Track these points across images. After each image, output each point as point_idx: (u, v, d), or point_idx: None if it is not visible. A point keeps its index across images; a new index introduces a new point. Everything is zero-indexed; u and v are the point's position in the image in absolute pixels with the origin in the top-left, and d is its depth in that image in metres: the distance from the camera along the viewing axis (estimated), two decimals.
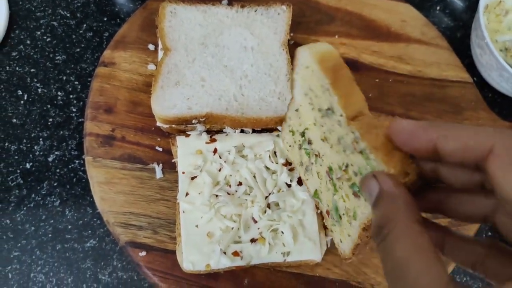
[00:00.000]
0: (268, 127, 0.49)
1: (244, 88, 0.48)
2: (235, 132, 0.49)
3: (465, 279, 0.52)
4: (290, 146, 0.46)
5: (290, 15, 0.52)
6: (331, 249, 0.46)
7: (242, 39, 0.50)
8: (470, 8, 0.66)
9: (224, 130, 0.49)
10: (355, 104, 0.36)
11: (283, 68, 0.50)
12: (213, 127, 0.49)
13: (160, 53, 0.51)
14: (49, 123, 0.52)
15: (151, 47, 0.53)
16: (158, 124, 0.49)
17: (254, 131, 0.50)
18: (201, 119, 0.47)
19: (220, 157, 0.46)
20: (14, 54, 0.54)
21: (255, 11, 0.52)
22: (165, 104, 0.47)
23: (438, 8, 0.65)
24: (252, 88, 0.49)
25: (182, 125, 0.48)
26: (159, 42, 0.51)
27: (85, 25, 0.57)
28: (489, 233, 0.54)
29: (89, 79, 0.54)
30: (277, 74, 0.49)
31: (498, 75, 0.55)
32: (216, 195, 0.45)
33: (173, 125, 0.48)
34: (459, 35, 0.64)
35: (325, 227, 0.46)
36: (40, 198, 0.49)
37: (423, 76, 0.57)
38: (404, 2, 0.61)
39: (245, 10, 0.52)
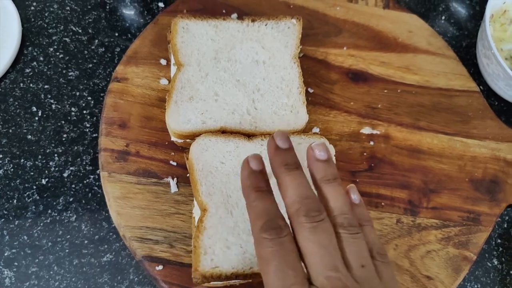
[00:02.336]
0: None
1: (257, 102, 0.49)
2: None
3: (476, 286, 0.52)
4: None
5: (300, 29, 0.53)
6: None
7: (253, 53, 0.51)
8: (475, 17, 0.67)
9: None
10: None
11: (295, 81, 0.50)
12: None
13: (173, 68, 0.51)
14: (63, 139, 0.52)
15: (163, 62, 0.54)
16: (173, 139, 0.49)
17: None
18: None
19: None
20: (27, 71, 0.55)
21: (266, 25, 0.53)
22: (179, 119, 0.47)
23: (443, 17, 0.66)
24: (265, 102, 0.49)
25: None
26: (172, 57, 0.52)
27: (96, 40, 0.57)
28: (499, 240, 0.54)
29: (101, 95, 0.55)
30: (289, 87, 0.50)
31: (505, 84, 0.56)
32: None
33: (188, 140, 0.48)
34: (464, 44, 0.65)
35: None
36: (56, 214, 0.49)
37: (430, 86, 0.58)
38: (410, 13, 0.62)
39: (256, 24, 0.53)
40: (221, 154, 0.46)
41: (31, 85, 0.54)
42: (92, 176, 0.51)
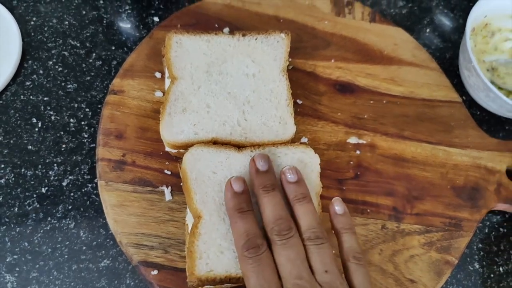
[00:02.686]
0: None
1: (247, 114, 0.52)
2: None
3: None
4: None
5: (288, 42, 0.55)
6: None
7: (244, 67, 0.53)
8: (458, 30, 0.70)
9: None
10: None
11: (283, 93, 0.53)
12: None
13: (167, 81, 0.54)
14: (62, 149, 0.55)
15: (157, 75, 0.56)
16: (167, 149, 0.52)
17: None
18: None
19: None
20: (28, 83, 0.57)
21: (256, 39, 0.55)
22: (173, 130, 0.50)
23: (428, 30, 0.69)
24: (255, 113, 0.52)
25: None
26: (166, 71, 0.54)
27: (94, 54, 0.60)
28: (480, 245, 0.57)
29: (99, 106, 0.57)
30: (277, 99, 0.52)
31: (485, 96, 0.58)
32: None
33: (181, 150, 0.51)
34: (448, 56, 0.67)
35: None
36: (55, 221, 0.52)
37: (415, 97, 0.60)
38: (396, 26, 0.65)
39: (247, 39, 0.55)
40: (213, 164, 0.48)
41: (31, 97, 0.56)
42: (90, 185, 0.54)
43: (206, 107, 0.51)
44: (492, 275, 0.56)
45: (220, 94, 0.52)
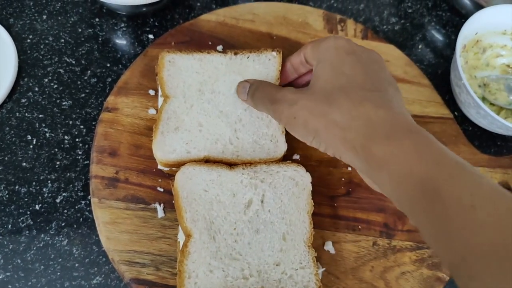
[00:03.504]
0: None
1: (238, 132, 0.52)
2: None
3: None
4: None
5: (280, 60, 0.56)
6: None
7: (236, 85, 0.54)
8: (450, 46, 0.70)
9: None
10: None
11: None
12: None
13: (160, 100, 0.54)
14: (56, 166, 0.55)
15: (151, 92, 0.57)
16: (159, 167, 0.52)
17: None
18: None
19: None
20: (23, 101, 0.58)
21: (248, 57, 0.55)
22: (165, 149, 0.50)
23: (420, 46, 0.70)
24: (246, 132, 0.52)
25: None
26: (159, 89, 0.55)
27: (89, 71, 0.60)
28: None
29: (93, 123, 0.58)
30: (268, 118, 0.53)
31: (475, 112, 0.59)
32: None
33: (174, 168, 0.51)
34: (440, 72, 0.68)
35: None
36: (49, 238, 0.52)
37: None
38: (387, 43, 0.65)
39: (238, 57, 0.55)
40: (204, 183, 0.49)
41: (26, 114, 0.57)
42: (83, 202, 0.54)
43: (199, 125, 0.52)
44: None
45: (212, 112, 0.52)
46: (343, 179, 0.56)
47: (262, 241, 0.47)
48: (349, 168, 0.57)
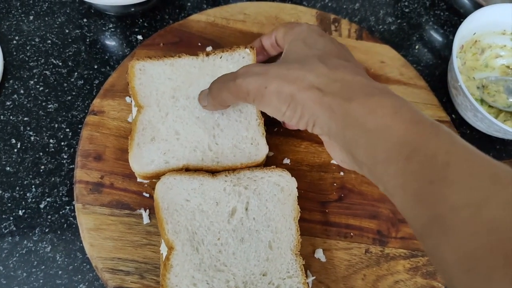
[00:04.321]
0: None
1: (217, 137, 0.50)
2: None
3: None
4: None
5: (254, 58, 0.53)
6: None
7: None
8: (448, 46, 0.68)
9: None
10: None
11: (252, 113, 0.51)
12: None
13: (134, 110, 0.52)
14: (41, 170, 0.54)
15: (128, 99, 0.55)
16: (139, 180, 0.50)
17: None
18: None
19: None
20: (8, 103, 0.57)
21: (220, 57, 0.53)
22: (143, 161, 0.48)
23: (417, 47, 0.68)
24: (225, 136, 0.50)
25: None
26: (132, 100, 0.53)
27: (76, 73, 0.59)
28: None
29: (79, 126, 0.56)
30: (247, 120, 0.51)
31: (473, 115, 0.57)
32: None
33: (154, 180, 0.49)
34: (437, 73, 0.66)
35: None
36: (32, 245, 0.51)
37: None
38: (383, 43, 0.64)
39: (211, 58, 0.53)
40: (186, 192, 0.47)
41: (11, 117, 0.56)
42: (68, 207, 0.53)
43: (175, 134, 0.50)
44: None
45: (189, 119, 0.50)
46: (335, 184, 0.55)
47: (248, 250, 0.46)
48: (341, 173, 0.55)
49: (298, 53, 0.44)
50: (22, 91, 0.57)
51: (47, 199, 0.53)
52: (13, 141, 0.55)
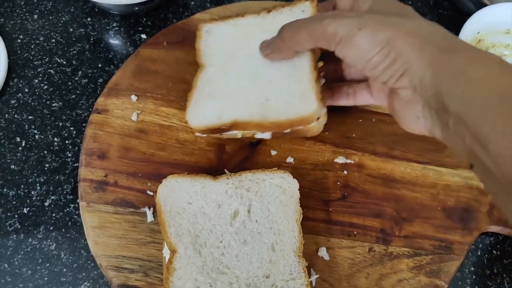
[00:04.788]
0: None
1: (269, 93, 0.50)
2: (265, 136, 0.52)
3: None
4: None
5: (314, 10, 0.53)
6: None
7: None
8: None
9: (256, 136, 0.53)
10: None
11: (305, 67, 0.50)
12: (245, 133, 0.52)
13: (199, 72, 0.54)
14: (45, 169, 0.54)
15: (133, 98, 0.55)
16: (197, 134, 0.53)
17: None
18: (230, 126, 0.50)
19: None
20: (12, 102, 0.57)
21: (281, 13, 0.54)
22: (198, 115, 0.50)
23: None
24: (277, 92, 0.50)
25: (216, 134, 0.52)
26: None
27: (80, 72, 0.59)
28: (472, 268, 0.55)
29: (83, 125, 0.56)
30: (300, 74, 0.50)
31: None
32: None
33: (211, 135, 0.52)
34: None
35: None
36: (36, 242, 0.51)
37: None
38: None
39: (271, 15, 0.54)
40: (188, 195, 0.47)
41: (15, 116, 0.56)
42: (72, 205, 0.53)
43: (230, 90, 0.51)
44: None
45: (245, 76, 0.52)
46: (338, 182, 0.55)
47: (250, 252, 0.46)
48: (345, 172, 0.55)
49: (389, 8, 0.43)
50: (26, 90, 0.58)
51: (52, 197, 0.53)
52: (18, 139, 0.55)
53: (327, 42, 0.41)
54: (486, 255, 0.56)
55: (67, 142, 0.56)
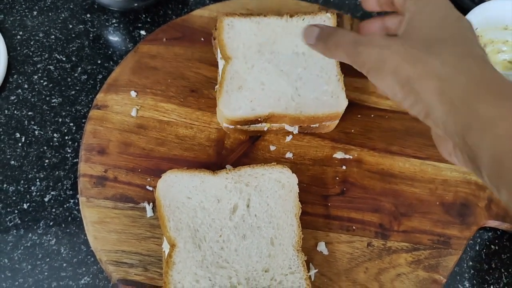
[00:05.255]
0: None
1: (300, 89, 0.54)
2: (293, 129, 0.55)
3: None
4: None
5: (335, 22, 0.58)
6: None
7: (293, 46, 0.56)
8: None
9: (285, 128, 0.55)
10: None
11: (333, 69, 0.55)
12: (272, 126, 0.54)
13: (220, 63, 0.56)
14: (45, 164, 0.54)
15: (133, 94, 0.56)
16: (224, 125, 0.54)
17: None
18: (263, 119, 0.52)
19: None
20: (12, 98, 0.57)
21: (303, 19, 0.57)
22: (231, 107, 0.52)
23: None
24: (307, 89, 0.54)
25: (246, 125, 0.53)
26: (218, 53, 0.56)
27: (79, 68, 0.60)
28: (470, 263, 0.55)
29: (83, 121, 0.57)
30: (328, 75, 0.54)
31: None
32: None
33: (238, 126, 0.53)
34: None
35: None
36: (36, 238, 0.51)
37: (403, 111, 0.59)
38: None
39: (294, 19, 0.57)
40: (187, 189, 0.48)
41: (15, 112, 0.56)
42: (72, 200, 0.53)
43: (261, 84, 0.53)
44: None
45: (273, 71, 0.54)
46: (337, 178, 0.55)
47: (250, 247, 0.46)
48: (344, 167, 0.55)
49: (423, 30, 0.39)
50: (26, 86, 0.58)
51: (52, 193, 0.53)
52: (18, 135, 0.55)
53: (359, 68, 0.40)
54: (484, 250, 0.56)
55: (66, 138, 0.56)
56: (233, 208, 0.48)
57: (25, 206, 0.52)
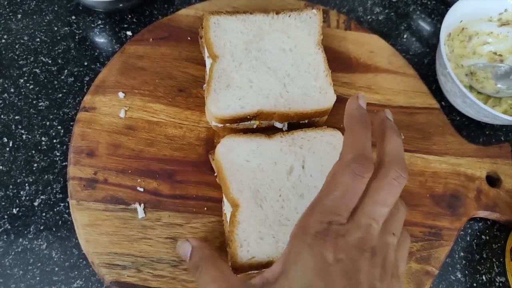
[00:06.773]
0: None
1: (288, 86, 0.54)
2: (282, 126, 0.55)
3: None
4: None
5: (321, 17, 0.58)
6: None
7: (280, 42, 0.56)
8: (436, 35, 0.69)
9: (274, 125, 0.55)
10: None
11: (320, 65, 0.55)
12: (262, 123, 0.55)
13: (207, 61, 0.56)
14: (34, 168, 0.54)
15: (121, 95, 0.55)
16: (213, 124, 0.54)
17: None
18: (252, 116, 0.53)
19: None
20: None
21: (289, 16, 0.57)
22: (219, 105, 0.51)
23: (405, 36, 0.68)
24: (295, 85, 0.54)
25: (235, 123, 0.53)
26: (205, 51, 0.56)
27: (66, 70, 0.59)
28: (462, 253, 0.56)
29: (71, 123, 0.56)
30: (315, 71, 0.55)
31: (462, 101, 0.58)
32: None
33: (227, 125, 0.53)
34: (426, 61, 0.67)
35: None
36: (27, 242, 0.51)
37: (392, 105, 0.60)
38: (371, 33, 0.64)
39: (280, 16, 0.57)
40: (245, 153, 0.50)
41: (2, 116, 0.56)
42: (62, 204, 0.53)
43: (249, 82, 0.53)
44: (475, 284, 0.55)
45: (261, 69, 0.54)
46: None
47: (308, 205, 0.47)
48: None
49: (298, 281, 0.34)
50: (12, 90, 0.57)
51: (41, 197, 0.53)
52: (5, 140, 0.55)
53: None
54: (475, 240, 0.57)
55: (55, 141, 0.55)
56: (290, 169, 0.50)
57: (14, 211, 0.52)
